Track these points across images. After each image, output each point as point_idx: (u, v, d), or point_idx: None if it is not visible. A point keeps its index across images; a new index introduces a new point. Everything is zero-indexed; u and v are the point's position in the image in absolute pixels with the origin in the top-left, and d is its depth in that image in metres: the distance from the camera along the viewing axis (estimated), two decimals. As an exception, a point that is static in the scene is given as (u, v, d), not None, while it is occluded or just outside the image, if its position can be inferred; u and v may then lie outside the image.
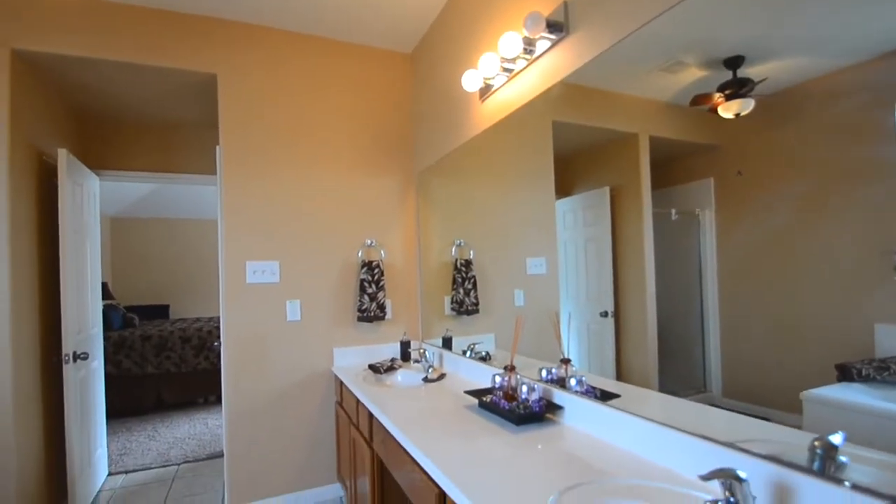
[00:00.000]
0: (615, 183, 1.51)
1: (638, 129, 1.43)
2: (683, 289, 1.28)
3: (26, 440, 2.27)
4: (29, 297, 2.36)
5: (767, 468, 0.97)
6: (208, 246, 6.93)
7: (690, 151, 1.25)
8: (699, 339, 1.23)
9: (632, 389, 1.42)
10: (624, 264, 1.48)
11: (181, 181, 3.44)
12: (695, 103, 1.20)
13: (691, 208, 1.25)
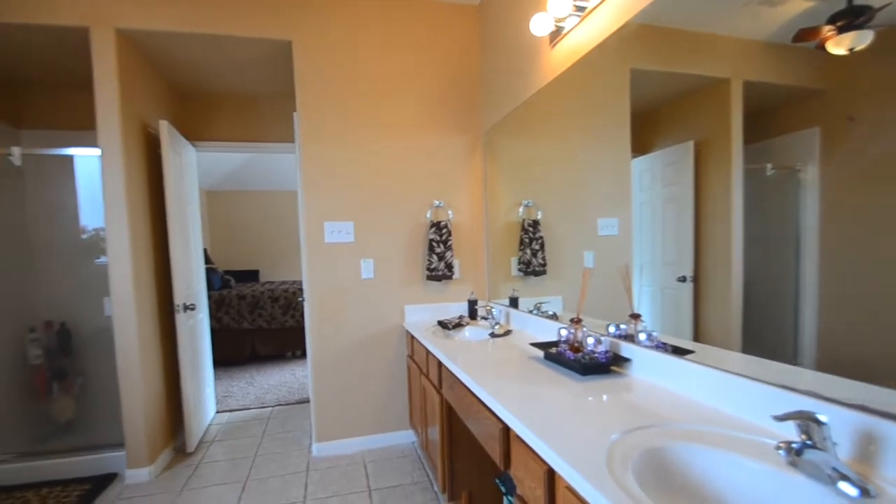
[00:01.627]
0: (701, 137, 1.39)
1: (729, 74, 1.28)
2: (776, 253, 1.17)
3: (149, 377, 2.66)
4: (145, 255, 2.71)
5: (853, 416, 0.92)
6: (293, 215, 7.45)
7: (791, 97, 1.11)
8: (791, 309, 1.13)
9: (708, 348, 1.36)
10: (707, 226, 1.37)
11: (264, 150, 3.69)
12: (798, 39, 1.06)
13: (790, 163, 1.12)
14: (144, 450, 2.53)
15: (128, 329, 2.51)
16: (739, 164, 1.26)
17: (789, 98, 1.12)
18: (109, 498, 2.36)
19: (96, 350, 3.18)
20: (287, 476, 2.55)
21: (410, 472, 2.56)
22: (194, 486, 2.47)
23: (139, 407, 2.53)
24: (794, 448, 0.86)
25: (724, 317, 1.33)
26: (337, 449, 2.82)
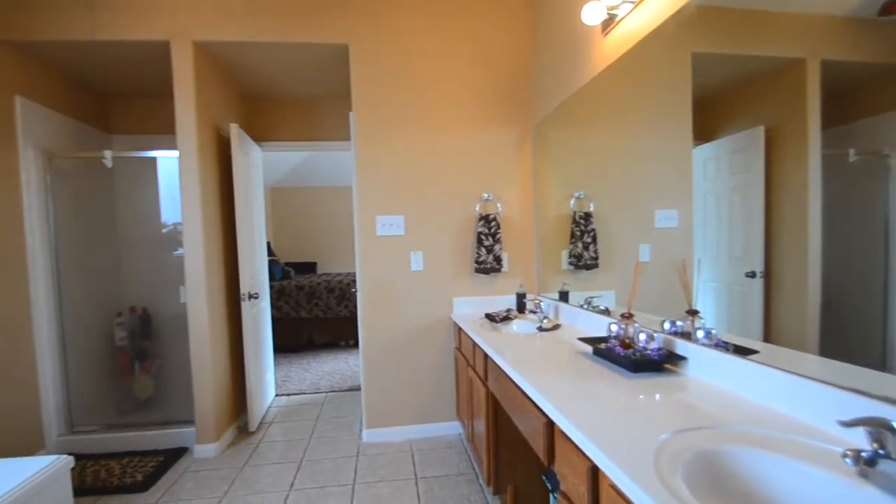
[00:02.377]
0: (772, 122, 1.28)
1: (805, 53, 1.17)
2: (860, 247, 1.06)
3: (218, 360, 2.86)
4: (216, 247, 2.91)
5: (936, 427, 0.83)
6: (348, 209, 7.72)
7: (877, 76, 1.01)
8: (879, 308, 1.02)
9: (776, 349, 1.26)
10: (780, 218, 1.27)
11: (322, 148, 3.85)
12: (886, 12, 0.96)
13: (877, 148, 1.01)
14: (212, 427, 2.73)
15: (200, 315, 2.71)
16: (817, 149, 1.15)
17: (874, 77, 1.02)
18: (179, 470, 2.57)
19: (173, 334, 3.46)
20: (338, 459, 2.66)
21: (456, 463, 2.59)
22: (255, 464, 2.63)
23: (208, 387, 2.72)
24: (864, 457, 0.79)
25: (799, 316, 1.22)
26: (386, 436, 2.90)
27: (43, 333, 2.67)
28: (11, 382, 2.48)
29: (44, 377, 2.66)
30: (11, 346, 2.49)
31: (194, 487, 2.38)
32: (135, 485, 2.36)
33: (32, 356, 2.62)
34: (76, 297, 2.97)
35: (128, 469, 2.52)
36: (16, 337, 2.52)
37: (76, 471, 2.50)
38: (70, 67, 2.90)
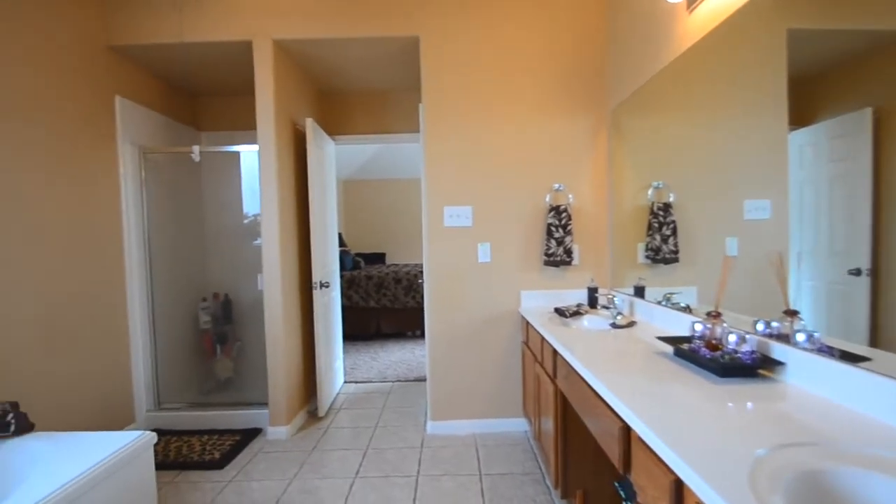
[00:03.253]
0: (881, 103, 1.11)
1: None
2: None
3: (290, 346, 3.00)
4: (290, 237, 3.04)
5: None
6: (416, 201, 7.83)
7: None
8: None
9: (890, 356, 1.07)
10: (891, 209, 1.09)
11: (392, 140, 3.89)
12: None
13: None
14: (284, 411, 2.87)
15: (274, 302, 2.85)
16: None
17: None
18: (254, 450, 2.72)
19: (251, 319, 3.69)
20: (403, 450, 2.68)
21: (522, 462, 2.51)
22: (323, 448, 2.73)
23: (281, 372, 2.86)
24: None
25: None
26: (450, 429, 2.89)
27: (136, 316, 2.94)
28: (109, 362, 2.75)
29: (136, 357, 2.94)
30: (110, 328, 2.76)
31: (266, 468, 2.51)
32: (212, 462, 2.53)
33: (126, 338, 2.89)
34: (165, 283, 3.24)
35: (207, 446, 2.71)
36: (113, 319, 2.80)
37: (161, 445, 2.72)
38: (162, 68, 3.15)
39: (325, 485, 2.32)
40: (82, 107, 2.56)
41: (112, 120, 2.79)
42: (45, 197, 2.31)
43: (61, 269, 2.40)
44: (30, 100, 2.23)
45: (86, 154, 2.59)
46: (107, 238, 2.74)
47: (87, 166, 2.59)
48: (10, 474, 1.57)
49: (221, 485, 2.33)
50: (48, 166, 2.34)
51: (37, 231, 2.26)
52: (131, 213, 2.91)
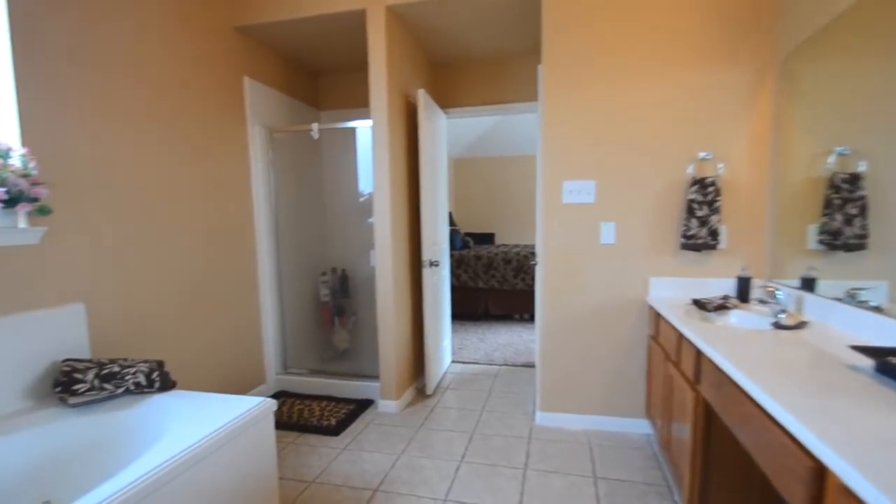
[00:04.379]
0: None
1: None
2: None
3: (400, 322, 3.00)
4: (401, 215, 3.02)
5: None
6: (528, 179, 7.53)
7: None
8: None
9: None
10: None
11: (507, 111, 3.65)
12: None
13: None
14: (393, 385, 2.89)
15: (385, 279, 2.85)
16: None
17: None
18: (366, 421, 2.79)
19: (365, 294, 3.80)
20: (510, 438, 2.54)
21: (642, 469, 2.21)
22: (430, 427, 2.69)
23: (392, 347, 2.88)
24: None
25: None
26: (560, 422, 2.67)
27: (266, 288, 3.16)
28: (243, 329, 2.99)
29: (266, 325, 3.17)
30: (243, 298, 3.00)
31: (376, 440, 2.54)
32: (329, 428, 2.63)
33: (258, 307, 3.13)
34: (290, 257, 3.44)
35: (325, 412, 2.84)
36: (246, 291, 3.03)
37: (287, 406, 2.93)
38: (283, 47, 3.26)
39: (431, 465, 2.27)
40: (216, 90, 2.74)
41: (241, 101, 2.98)
42: (186, 179, 2.53)
43: (202, 245, 2.63)
44: (169, 86, 2.42)
45: (221, 136, 2.78)
46: (240, 216, 2.96)
47: (221, 148, 2.79)
48: (152, 427, 1.74)
49: (336, 451, 2.41)
50: (189, 150, 2.55)
51: (181, 211, 2.49)
52: (261, 192, 3.11)
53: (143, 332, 2.25)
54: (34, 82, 1.82)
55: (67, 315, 1.92)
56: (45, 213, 1.82)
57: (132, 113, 2.20)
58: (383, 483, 2.13)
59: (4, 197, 1.66)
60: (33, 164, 1.76)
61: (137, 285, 2.23)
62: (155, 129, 2.32)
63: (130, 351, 2.18)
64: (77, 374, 1.79)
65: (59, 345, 1.88)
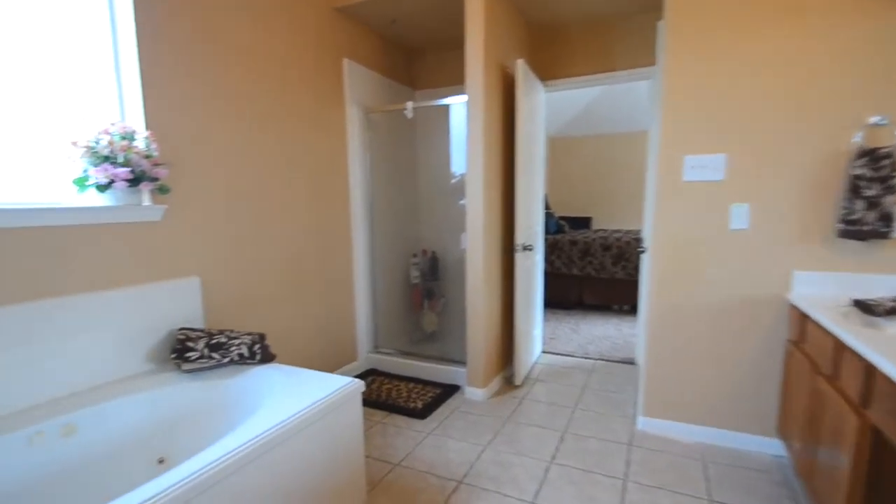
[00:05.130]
0: None
1: None
2: None
3: (489, 308, 2.87)
4: (494, 196, 2.86)
5: None
6: (632, 159, 6.91)
7: None
8: None
9: None
10: None
11: (615, 80, 3.28)
12: None
13: None
14: (481, 372, 2.78)
15: (476, 262, 2.74)
16: None
17: None
18: (451, 407, 2.72)
19: (455, 277, 3.73)
20: (607, 442, 2.31)
21: (772, 498, 1.87)
22: (517, 420, 2.55)
23: (480, 332, 2.77)
24: None
25: None
26: (668, 430, 2.37)
27: (360, 268, 3.20)
28: (338, 306, 3.06)
29: (359, 304, 3.22)
30: (340, 276, 3.06)
31: (462, 427, 2.46)
32: (416, 410, 2.61)
33: (352, 286, 3.18)
34: (383, 237, 3.46)
35: (412, 394, 2.82)
36: (343, 269, 3.09)
37: (377, 384, 2.97)
38: (380, 27, 3.22)
39: (518, 462, 2.13)
40: (316, 73, 2.78)
41: (340, 83, 3.00)
42: (288, 161, 2.60)
43: (302, 225, 2.72)
44: (272, 71, 2.48)
45: (320, 119, 2.83)
46: (337, 196, 3.01)
47: (321, 130, 2.83)
48: (252, 397, 1.80)
49: (422, 435, 2.37)
50: (290, 132, 2.61)
51: (283, 192, 2.58)
52: (357, 173, 3.14)
53: (248, 305, 2.38)
54: (156, 70, 1.94)
55: (184, 287, 2.06)
56: (164, 192, 1.95)
57: (240, 98, 2.29)
58: (468, 475, 2.04)
59: (129, 176, 1.79)
60: (154, 145, 1.89)
61: (244, 262, 2.35)
62: (260, 113, 2.41)
63: (236, 322, 2.31)
64: (190, 343, 1.91)
65: (177, 314, 2.03)
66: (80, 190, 1.76)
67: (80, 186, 1.75)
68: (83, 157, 1.74)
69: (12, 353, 1.52)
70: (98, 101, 1.88)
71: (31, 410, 1.54)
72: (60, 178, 1.75)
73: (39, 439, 1.48)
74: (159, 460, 1.75)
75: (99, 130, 1.77)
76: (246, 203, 2.35)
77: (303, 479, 1.53)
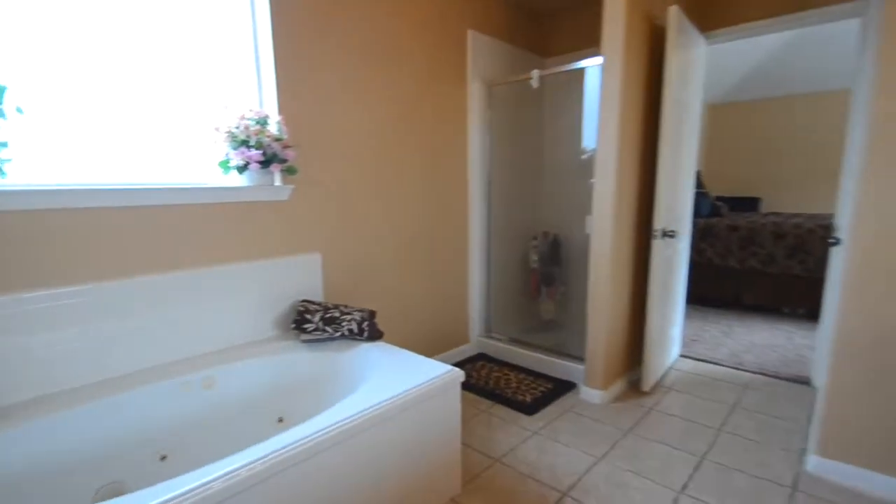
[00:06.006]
0: None
1: None
2: None
3: (616, 300, 2.53)
4: (630, 171, 2.48)
5: None
6: (821, 127, 5.55)
7: None
8: None
9: None
10: None
11: (809, 20, 2.54)
12: None
13: None
14: (600, 372, 2.49)
15: (602, 248, 2.43)
16: None
17: None
18: (564, 406, 2.48)
19: (578, 263, 3.41)
20: (761, 481, 1.87)
21: None
22: (642, 433, 2.22)
23: (602, 328, 2.47)
24: None
25: None
26: (851, 478, 1.83)
27: (475, 248, 3.10)
28: (452, 287, 3.01)
29: (473, 286, 3.13)
30: (455, 257, 3.00)
31: (574, 431, 2.23)
32: (523, 404, 2.44)
33: (467, 267, 3.10)
34: (501, 218, 3.29)
35: (521, 386, 2.66)
36: (458, 250, 3.02)
37: (485, 370, 2.87)
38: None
39: (638, 484, 1.85)
40: (438, 48, 2.68)
41: (464, 57, 2.86)
42: (408, 141, 2.59)
43: (418, 205, 2.70)
44: (395, 51, 2.45)
45: (441, 95, 2.74)
46: (455, 175, 2.92)
47: (441, 107, 2.76)
48: (357, 373, 1.84)
49: (527, 434, 2.22)
50: (410, 112, 2.58)
51: (401, 172, 2.58)
52: (476, 150, 3.01)
53: (363, 281, 2.46)
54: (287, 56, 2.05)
55: (307, 262, 2.20)
56: (291, 173, 2.07)
57: (361, 81, 2.32)
58: (574, 488, 1.83)
59: (261, 158, 1.92)
60: (285, 128, 2.01)
61: (360, 239, 2.43)
62: (380, 95, 2.42)
63: (351, 298, 2.40)
64: (308, 315, 2.03)
65: (300, 287, 2.18)
66: (224, 172, 1.95)
67: (224, 168, 1.94)
68: (225, 142, 1.91)
69: (164, 313, 1.75)
70: (242, 89, 2.05)
71: (177, 364, 1.78)
72: (210, 162, 1.96)
73: (185, 389, 1.70)
74: (279, 419, 1.90)
75: (238, 116, 1.92)
76: (364, 185, 2.40)
77: (397, 462, 1.53)
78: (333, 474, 1.33)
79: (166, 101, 1.84)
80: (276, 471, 1.18)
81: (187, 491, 1.03)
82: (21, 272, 1.45)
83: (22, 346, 1.44)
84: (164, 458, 1.60)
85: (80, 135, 1.62)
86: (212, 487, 1.05)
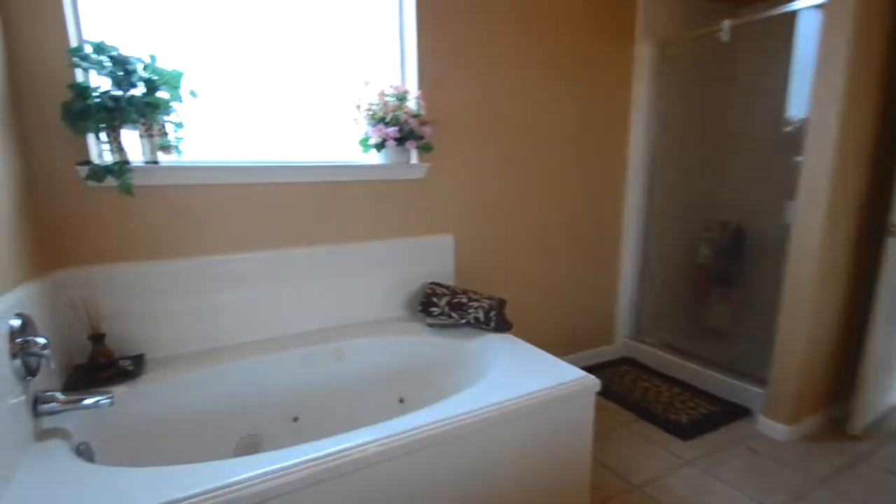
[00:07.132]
0: None
1: None
2: None
3: (820, 313, 1.97)
4: (856, 150, 1.88)
5: None
6: None
7: None
8: None
9: None
10: None
11: None
12: None
13: None
14: (789, 403, 1.97)
15: (808, 242, 1.90)
16: None
17: None
18: (732, 435, 2.03)
19: (766, 261, 2.74)
20: None
21: None
22: (843, 489, 1.68)
23: (797, 344, 1.94)
24: None
25: None
26: None
27: (630, 237, 2.72)
28: (598, 281, 2.70)
29: (624, 281, 2.78)
30: (604, 248, 2.68)
31: (741, 469, 1.80)
32: (676, 426, 2.06)
33: (618, 258, 2.75)
34: (665, 203, 2.81)
35: (674, 402, 2.26)
36: (609, 239, 2.69)
37: (632, 377, 2.52)
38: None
39: (831, 560, 1.40)
40: (599, 10, 2.38)
41: (632, 14, 2.48)
42: (556, 120, 2.37)
43: (564, 188, 2.47)
44: (547, 22, 2.24)
45: (600, 65, 2.45)
46: (611, 155, 2.60)
47: (600, 80, 2.46)
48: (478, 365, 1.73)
49: (678, 462, 1.87)
50: (563, 87, 2.35)
51: (546, 154, 2.37)
52: (640, 124, 2.61)
53: (495, 268, 2.33)
54: (431, 25, 1.98)
55: (439, 244, 2.15)
56: (427, 151, 2.02)
57: (509, 56, 2.17)
58: (737, 545, 1.47)
59: (397, 135, 1.90)
60: (423, 103, 1.96)
61: (497, 224, 2.31)
62: (530, 70, 2.24)
63: (482, 283, 2.29)
64: (434, 298, 1.98)
65: (431, 269, 2.15)
66: (364, 150, 1.99)
67: (363, 146, 1.98)
68: (365, 119, 1.93)
69: (306, 285, 1.87)
70: (384, 65, 2.05)
71: (312, 333, 1.89)
72: (352, 141, 2.01)
73: (319, 358, 1.80)
74: (400, 399, 1.91)
75: (378, 93, 1.92)
76: (504, 166, 2.27)
77: (515, 468, 1.41)
78: (453, 468, 1.28)
79: (314, 81, 1.92)
80: (402, 452, 1.16)
81: (324, 455, 1.08)
82: (192, 240, 1.66)
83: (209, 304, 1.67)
84: (297, 420, 1.73)
85: (236, 115, 1.78)
86: (349, 455, 1.09)
